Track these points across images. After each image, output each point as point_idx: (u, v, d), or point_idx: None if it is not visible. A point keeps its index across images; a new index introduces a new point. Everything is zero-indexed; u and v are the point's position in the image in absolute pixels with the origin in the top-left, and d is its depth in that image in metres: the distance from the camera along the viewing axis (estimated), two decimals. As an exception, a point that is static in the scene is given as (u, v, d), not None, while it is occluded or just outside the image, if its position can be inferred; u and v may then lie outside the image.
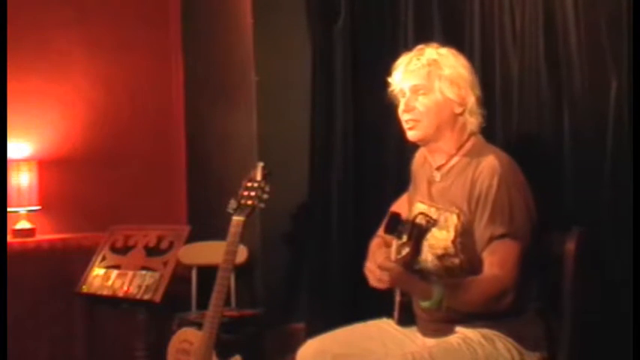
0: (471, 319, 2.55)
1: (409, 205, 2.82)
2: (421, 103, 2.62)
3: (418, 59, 2.64)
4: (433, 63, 2.62)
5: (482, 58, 3.26)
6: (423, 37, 3.45)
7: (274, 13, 4.28)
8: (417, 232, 2.41)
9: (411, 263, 2.40)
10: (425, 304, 2.42)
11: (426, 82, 2.61)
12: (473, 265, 2.55)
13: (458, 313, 2.52)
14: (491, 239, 2.50)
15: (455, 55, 2.68)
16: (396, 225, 2.45)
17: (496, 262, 2.48)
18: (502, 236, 2.49)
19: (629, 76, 2.78)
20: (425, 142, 2.69)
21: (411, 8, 3.65)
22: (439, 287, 2.40)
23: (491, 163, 2.55)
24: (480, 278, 2.50)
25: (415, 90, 2.63)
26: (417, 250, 2.39)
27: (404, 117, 2.67)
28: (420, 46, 2.71)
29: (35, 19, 4.52)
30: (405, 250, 2.37)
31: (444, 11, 3.51)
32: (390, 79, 2.70)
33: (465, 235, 2.56)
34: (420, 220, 2.51)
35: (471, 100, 2.63)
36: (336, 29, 3.99)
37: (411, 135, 2.68)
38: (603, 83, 2.86)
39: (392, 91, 2.71)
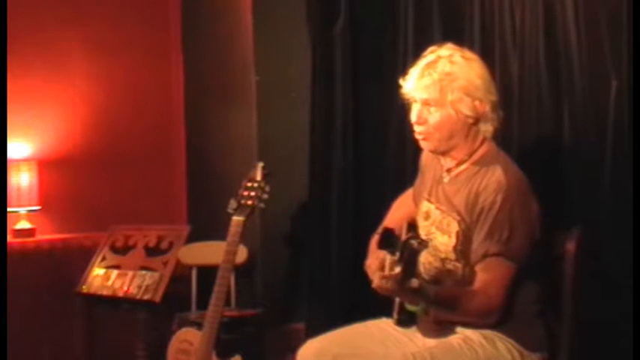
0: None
1: (415, 202, 2.81)
2: (433, 116, 2.57)
3: (430, 73, 2.56)
4: (446, 77, 2.55)
5: (482, 59, 3.25)
6: (423, 37, 3.46)
7: (274, 13, 4.28)
8: (408, 255, 2.38)
9: (402, 282, 2.38)
10: (412, 308, 2.40)
11: (439, 97, 2.55)
12: (473, 269, 2.54)
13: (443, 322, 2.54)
14: (486, 255, 2.49)
15: (469, 60, 2.60)
16: (388, 241, 2.41)
17: (488, 280, 2.47)
18: (496, 255, 2.47)
19: (629, 76, 2.78)
20: (438, 152, 2.66)
21: (411, 8, 3.65)
22: (427, 296, 2.37)
23: (498, 177, 2.51)
24: (470, 294, 2.49)
25: (426, 103, 2.58)
26: (408, 271, 2.37)
27: (415, 127, 2.64)
28: (432, 49, 2.63)
29: (35, 19, 4.52)
30: (397, 269, 2.35)
31: (444, 11, 3.51)
32: (402, 83, 2.64)
33: (465, 242, 2.55)
34: (412, 242, 2.47)
35: (486, 108, 2.58)
36: (336, 29, 3.99)
37: (423, 145, 2.66)
38: (603, 83, 2.87)
39: (403, 94, 2.64)
